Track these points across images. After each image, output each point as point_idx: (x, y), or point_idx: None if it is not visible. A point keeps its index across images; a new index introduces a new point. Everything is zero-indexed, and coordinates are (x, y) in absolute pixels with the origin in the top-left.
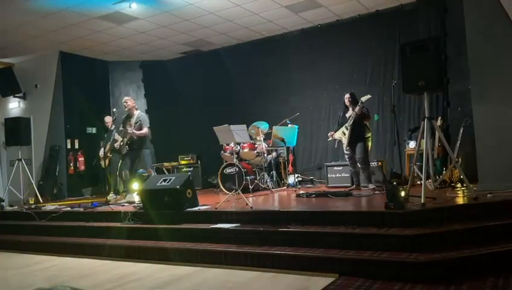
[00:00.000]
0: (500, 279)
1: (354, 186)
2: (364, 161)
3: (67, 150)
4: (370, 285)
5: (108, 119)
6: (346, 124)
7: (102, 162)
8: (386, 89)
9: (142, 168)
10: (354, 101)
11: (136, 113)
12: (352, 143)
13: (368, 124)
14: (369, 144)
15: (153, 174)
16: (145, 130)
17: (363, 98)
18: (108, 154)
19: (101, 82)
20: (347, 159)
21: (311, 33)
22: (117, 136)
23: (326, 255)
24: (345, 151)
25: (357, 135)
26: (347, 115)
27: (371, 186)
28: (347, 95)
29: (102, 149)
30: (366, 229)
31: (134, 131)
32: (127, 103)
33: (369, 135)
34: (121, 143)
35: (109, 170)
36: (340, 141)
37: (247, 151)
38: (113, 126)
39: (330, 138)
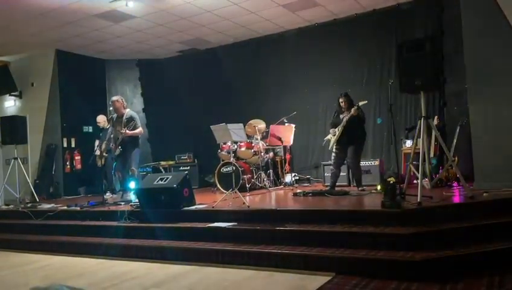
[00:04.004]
0: (496, 277)
1: (329, 187)
2: (355, 165)
3: (63, 148)
4: (366, 284)
5: (100, 119)
6: (339, 126)
7: (98, 161)
8: (382, 88)
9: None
10: (350, 102)
11: (126, 112)
12: (343, 144)
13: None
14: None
15: (136, 173)
16: (139, 129)
17: (360, 103)
18: (104, 154)
19: (98, 81)
20: (332, 158)
21: (309, 32)
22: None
23: (322, 254)
24: (333, 150)
25: (350, 137)
26: (341, 116)
27: (357, 190)
28: (342, 99)
29: (98, 148)
30: (363, 228)
31: (127, 131)
32: (114, 105)
33: (363, 139)
34: (111, 145)
35: (105, 169)
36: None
37: (244, 150)
38: (109, 124)
39: (330, 145)
